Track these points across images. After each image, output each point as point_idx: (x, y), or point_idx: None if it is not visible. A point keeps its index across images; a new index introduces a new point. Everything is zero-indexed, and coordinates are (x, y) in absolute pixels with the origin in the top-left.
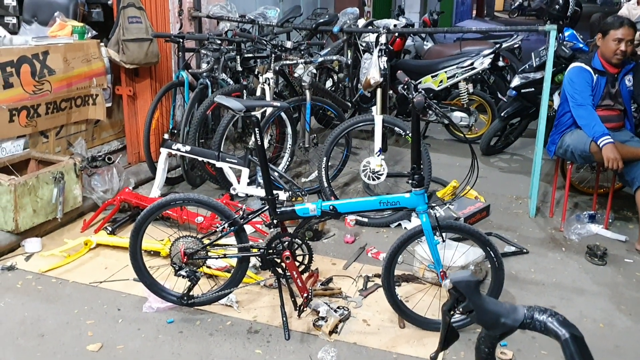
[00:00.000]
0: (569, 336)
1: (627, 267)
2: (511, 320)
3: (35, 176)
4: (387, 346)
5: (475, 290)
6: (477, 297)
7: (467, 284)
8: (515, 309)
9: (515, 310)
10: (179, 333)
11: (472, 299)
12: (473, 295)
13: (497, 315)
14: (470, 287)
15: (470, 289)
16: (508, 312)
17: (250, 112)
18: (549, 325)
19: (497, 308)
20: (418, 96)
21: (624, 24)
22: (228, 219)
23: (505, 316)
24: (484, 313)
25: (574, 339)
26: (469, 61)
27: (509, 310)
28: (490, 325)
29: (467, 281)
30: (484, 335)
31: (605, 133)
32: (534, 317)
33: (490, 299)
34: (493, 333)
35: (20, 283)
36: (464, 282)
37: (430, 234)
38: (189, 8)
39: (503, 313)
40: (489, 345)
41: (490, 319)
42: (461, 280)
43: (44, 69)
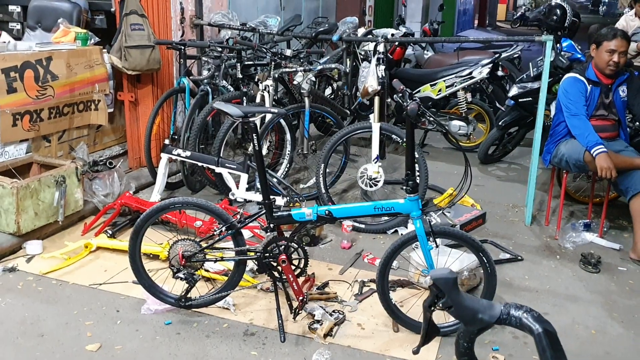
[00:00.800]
0: (541, 331)
1: (620, 275)
2: (488, 316)
3: (37, 179)
4: (380, 349)
5: (453, 286)
6: (456, 293)
7: (446, 280)
8: (492, 306)
9: (492, 307)
10: (177, 334)
11: (450, 295)
12: (451, 292)
13: (474, 311)
14: (449, 284)
15: (449, 285)
16: (485, 308)
17: (248, 118)
18: (523, 321)
19: (475, 304)
20: (412, 104)
21: (617, 36)
22: (225, 222)
23: (482, 312)
24: (462, 309)
25: (547, 333)
26: (467, 70)
27: (486, 306)
28: (468, 321)
29: (445, 278)
30: (463, 331)
31: (598, 142)
32: (510, 313)
33: (469, 295)
34: (471, 328)
35: (21, 284)
36: (442, 279)
37: (424, 239)
38: (191, 16)
39: (480, 309)
40: (468, 340)
41: (468, 314)
42: (440, 277)
43: (47, 75)
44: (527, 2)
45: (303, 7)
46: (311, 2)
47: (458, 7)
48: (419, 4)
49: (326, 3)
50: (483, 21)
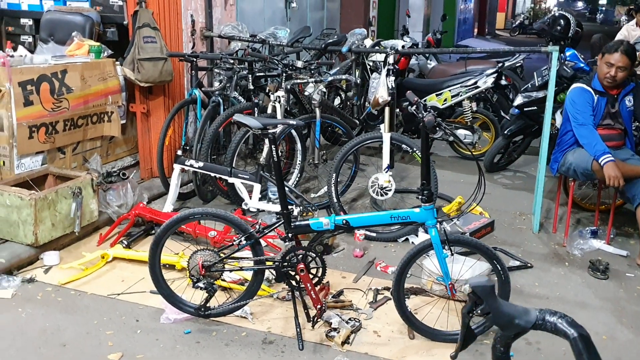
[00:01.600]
0: (577, 335)
1: (628, 281)
2: (524, 321)
3: (54, 191)
4: (397, 356)
5: (491, 294)
6: (493, 300)
7: (484, 288)
8: (528, 311)
9: (527, 313)
10: (196, 343)
11: (488, 302)
12: (489, 299)
13: (511, 316)
14: (487, 291)
15: (487, 292)
16: (521, 314)
17: (267, 130)
18: (558, 326)
19: (511, 310)
20: (428, 116)
21: (619, 50)
22: (244, 232)
23: (519, 318)
24: (499, 315)
25: (582, 337)
26: (472, 80)
27: (522, 312)
28: (505, 326)
29: (484, 286)
30: (500, 336)
31: (606, 152)
32: (545, 318)
33: (505, 302)
34: (508, 333)
35: (40, 294)
36: (481, 287)
37: (440, 247)
38: (201, 28)
39: (517, 315)
40: (504, 345)
41: (505, 320)
42: (479, 284)
43: (62, 87)
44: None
45: (308, 18)
46: (316, 13)
47: (458, 16)
48: (420, 14)
49: (331, 14)
50: (482, 30)
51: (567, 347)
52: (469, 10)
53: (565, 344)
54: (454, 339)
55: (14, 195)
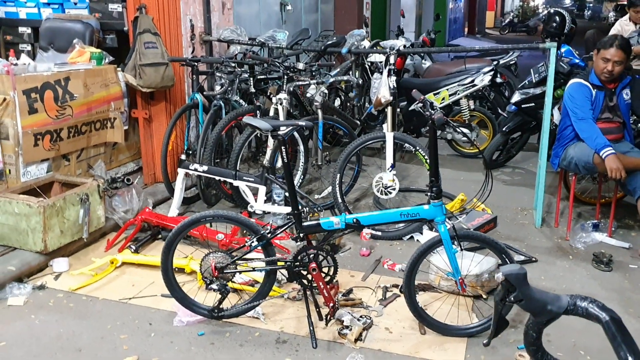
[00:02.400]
0: (609, 319)
1: (632, 272)
2: (556, 307)
3: (62, 198)
4: (410, 352)
5: (524, 281)
6: (526, 287)
7: (517, 275)
8: (559, 298)
9: (559, 299)
10: (211, 344)
11: (521, 289)
12: (522, 286)
13: (543, 303)
14: (520, 279)
15: (520, 280)
16: (553, 300)
17: (277, 132)
18: (590, 310)
19: (544, 297)
20: (437, 113)
21: (614, 45)
22: (256, 234)
23: (551, 304)
24: (532, 301)
25: (613, 321)
26: (469, 78)
27: (553, 298)
28: (538, 312)
29: (517, 273)
30: (532, 322)
31: (607, 145)
32: (577, 304)
33: (537, 289)
34: (540, 319)
35: (52, 301)
36: (514, 274)
37: (449, 243)
38: (200, 32)
39: (549, 301)
40: (536, 331)
41: (537, 306)
42: (511, 272)
43: (65, 95)
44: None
45: (303, 20)
46: (310, 15)
47: (449, 15)
48: (412, 14)
49: (325, 16)
50: (472, 29)
51: (577, 339)
52: (459, 9)
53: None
54: (465, 333)
55: (22, 203)
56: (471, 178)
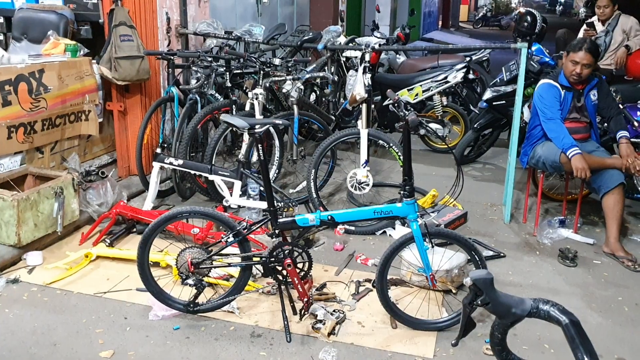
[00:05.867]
0: (568, 322)
1: (596, 268)
2: (520, 310)
3: (36, 191)
4: (381, 345)
5: (490, 285)
6: (493, 291)
7: (484, 280)
8: (523, 301)
9: (523, 302)
10: (186, 339)
11: (488, 293)
12: (489, 290)
13: (508, 306)
14: (487, 283)
15: (487, 284)
16: (517, 304)
17: (254, 130)
18: (551, 314)
19: (509, 300)
20: (411, 115)
21: (582, 49)
22: (232, 230)
23: (515, 307)
24: (498, 304)
25: (573, 323)
26: (442, 75)
27: (518, 302)
28: (503, 315)
29: (484, 278)
30: (497, 324)
31: (573, 145)
32: (539, 307)
33: (503, 293)
34: (505, 321)
35: (26, 295)
36: (481, 279)
37: (421, 240)
38: (177, 25)
39: (513, 304)
40: (502, 332)
41: (503, 309)
42: (479, 277)
43: (40, 87)
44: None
45: (279, 13)
46: (286, 8)
47: (423, 9)
48: (387, 8)
49: (300, 9)
50: (447, 22)
51: (541, 333)
52: (433, 3)
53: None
54: (435, 327)
55: None
56: (443, 173)
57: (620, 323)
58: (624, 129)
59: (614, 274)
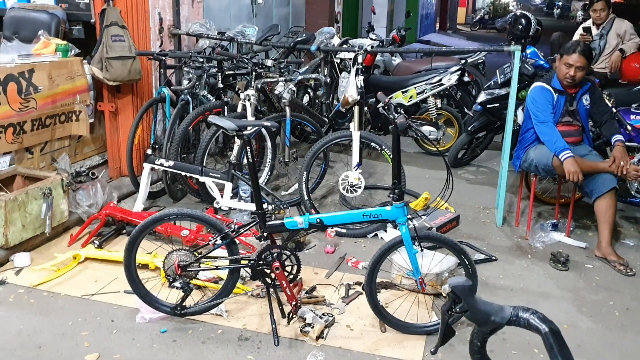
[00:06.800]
0: (548, 330)
1: (587, 272)
2: (500, 317)
3: (25, 192)
4: (370, 349)
5: (469, 293)
6: (471, 298)
7: (463, 287)
8: (503, 309)
9: (502, 310)
10: (173, 342)
11: (466, 300)
12: (467, 297)
13: (487, 314)
14: (465, 290)
15: (465, 291)
16: (497, 311)
17: (242, 132)
18: (531, 322)
19: (488, 308)
20: (400, 118)
21: (577, 51)
22: (220, 232)
23: (495, 314)
24: (476, 312)
25: (552, 332)
26: (437, 77)
27: (497, 309)
28: (482, 323)
29: (462, 285)
30: (477, 332)
31: (566, 148)
32: (519, 315)
33: (482, 300)
34: (484, 329)
35: (12, 297)
36: (460, 286)
37: (410, 244)
38: (169, 26)
39: (492, 312)
40: (481, 340)
41: (482, 317)
42: (457, 284)
43: (29, 87)
44: (486, 6)
45: (274, 14)
46: (282, 9)
47: (420, 11)
48: (384, 10)
49: (296, 10)
50: (444, 25)
51: (531, 337)
52: (430, 5)
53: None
54: (424, 331)
55: None
56: (436, 176)
57: (610, 328)
58: (618, 133)
59: (606, 278)
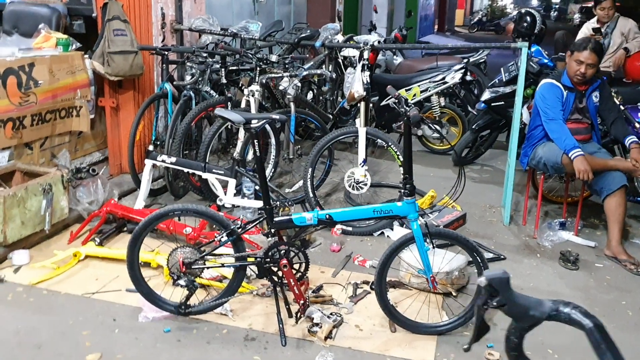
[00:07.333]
0: (592, 325)
1: (597, 271)
2: (539, 312)
3: (24, 188)
4: (380, 350)
5: (507, 285)
6: (509, 292)
7: (501, 280)
8: (542, 303)
9: (542, 304)
10: (177, 341)
11: (504, 293)
12: (505, 290)
13: (526, 308)
14: (504, 283)
15: (504, 284)
16: (535, 305)
17: (250, 125)
18: (572, 317)
19: (526, 302)
20: (413, 110)
21: (587, 48)
22: (226, 228)
23: (534, 309)
24: (514, 306)
25: (597, 327)
26: (440, 76)
27: (536, 303)
28: (520, 317)
29: (500, 278)
30: (514, 327)
31: (575, 146)
32: (559, 309)
33: (520, 294)
34: (522, 324)
35: (10, 295)
36: (497, 279)
37: (421, 240)
38: (171, 21)
39: (531, 306)
40: (518, 336)
41: (520, 311)
42: (495, 277)
43: (30, 81)
44: (484, 7)
45: (276, 12)
46: (283, 7)
47: (420, 13)
48: (384, 10)
49: (298, 8)
50: (442, 26)
51: (545, 337)
52: (429, 6)
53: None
54: (435, 331)
55: None
56: (441, 175)
57: (623, 328)
58: (631, 134)
59: (616, 277)
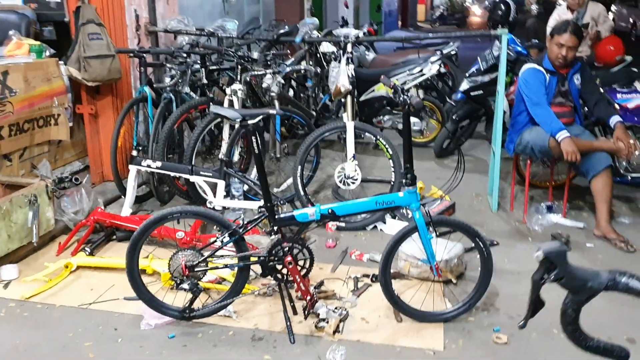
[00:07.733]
0: None
1: (589, 251)
2: (597, 283)
3: (8, 200)
4: (389, 340)
5: (564, 259)
6: (567, 265)
7: (558, 253)
8: (598, 274)
9: (598, 275)
10: (183, 347)
11: (562, 267)
12: (563, 264)
13: (584, 280)
14: (561, 256)
15: (561, 257)
16: (593, 277)
17: (246, 121)
18: (631, 285)
19: (584, 274)
20: (415, 98)
21: (567, 31)
22: (227, 229)
23: (591, 280)
24: (572, 279)
25: None
26: (418, 68)
27: (593, 275)
28: (578, 290)
29: (557, 251)
30: (570, 301)
31: (561, 128)
32: (616, 279)
33: (576, 266)
34: (579, 297)
35: (4, 311)
36: (555, 252)
37: (424, 229)
38: (146, 23)
39: (589, 278)
40: (575, 309)
41: (578, 284)
42: (552, 250)
43: (5, 90)
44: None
45: (246, 11)
46: (253, 6)
47: (384, 9)
48: (350, 6)
49: (267, 7)
50: (405, 22)
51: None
52: (393, 3)
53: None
54: (442, 318)
55: None
56: (422, 167)
57: (626, 304)
58: (615, 114)
59: (608, 256)
